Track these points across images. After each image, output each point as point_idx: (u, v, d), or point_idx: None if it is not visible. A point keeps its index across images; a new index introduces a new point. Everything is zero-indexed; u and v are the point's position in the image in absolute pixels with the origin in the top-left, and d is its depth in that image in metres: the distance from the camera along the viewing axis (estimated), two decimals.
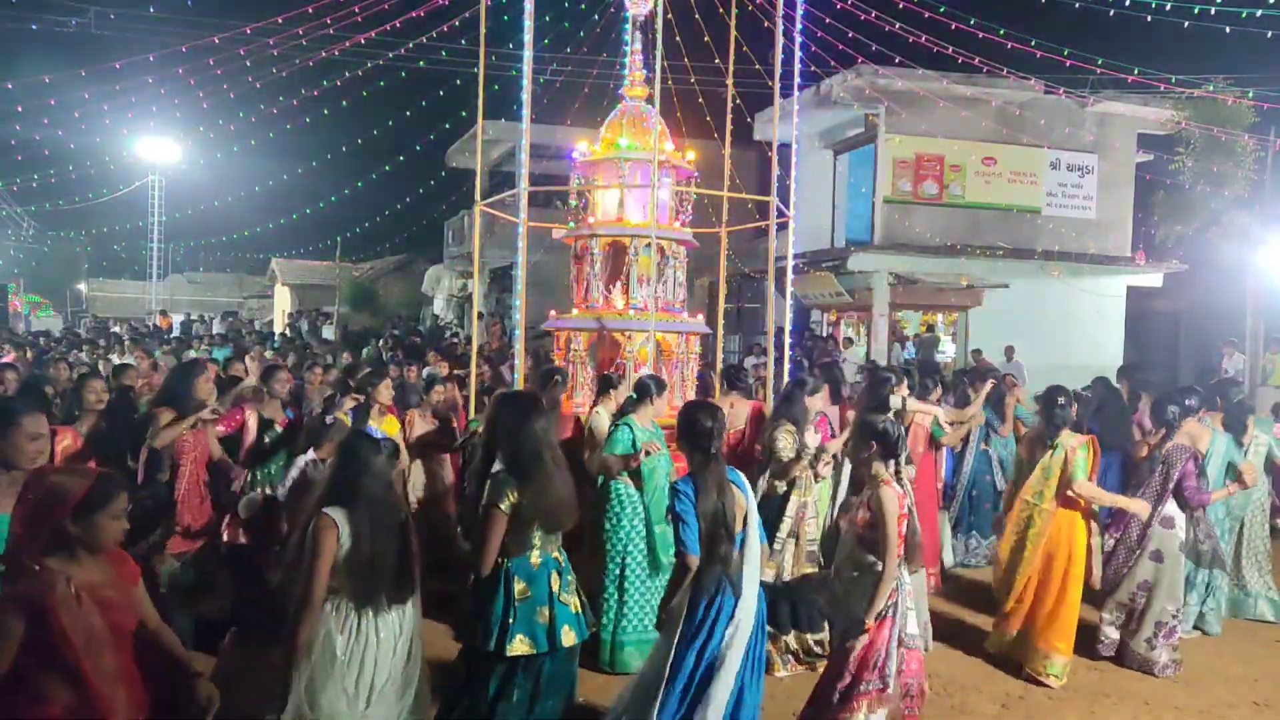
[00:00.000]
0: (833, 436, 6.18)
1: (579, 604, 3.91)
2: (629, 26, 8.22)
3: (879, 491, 4.03)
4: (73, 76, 12.74)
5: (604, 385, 6.29)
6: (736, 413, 6.58)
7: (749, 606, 3.83)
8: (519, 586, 3.71)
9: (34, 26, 13.86)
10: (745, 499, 3.96)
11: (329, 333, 23.66)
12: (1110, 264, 18.41)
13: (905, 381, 6.77)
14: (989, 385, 7.69)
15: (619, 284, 7.71)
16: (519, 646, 3.66)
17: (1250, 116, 16.87)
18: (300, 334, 23.30)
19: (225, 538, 5.40)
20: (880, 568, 3.96)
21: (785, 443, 5.61)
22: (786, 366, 8.69)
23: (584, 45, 13.36)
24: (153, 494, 5.17)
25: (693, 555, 3.74)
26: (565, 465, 3.89)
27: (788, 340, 9.18)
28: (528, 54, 7.45)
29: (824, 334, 19.20)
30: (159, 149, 32.73)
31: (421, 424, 7.30)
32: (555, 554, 3.87)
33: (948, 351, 19.10)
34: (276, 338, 20.77)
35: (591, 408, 6.23)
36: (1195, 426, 6.36)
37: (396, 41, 13.29)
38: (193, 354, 14.97)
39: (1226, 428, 6.75)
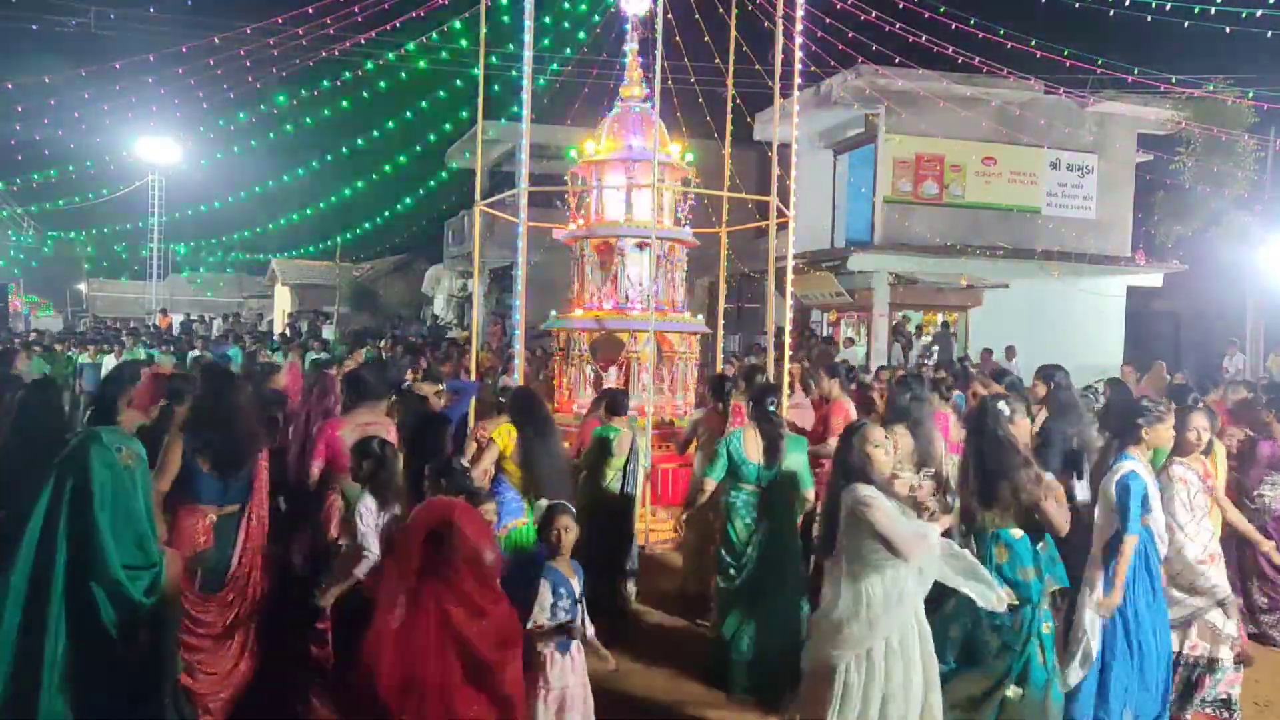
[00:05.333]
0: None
1: None
2: (629, 28, 8.23)
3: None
4: (73, 76, 12.76)
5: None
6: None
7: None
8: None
9: (34, 26, 13.86)
10: None
11: (329, 333, 23.67)
12: (1110, 264, 18.39)
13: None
14: None
15: (619, 283, 7.71)
16: None
17: (1250, 116, 16.86)
18: (300, 334, 23.31)
19: None
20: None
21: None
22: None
23: (584, 45, 13.39)
24: None
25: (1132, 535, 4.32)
26: None
27: (787, 340, 9.17)
28: (528, 54, 7.46)
29: (824, 334, 19.19)
30: (159, 149, 32.67)
31: None
32: None
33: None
34: (276, 338, 20.77)
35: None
36: None
37: (396, 41, 13.31)
38: (195, 354, 14.94)
39: None
